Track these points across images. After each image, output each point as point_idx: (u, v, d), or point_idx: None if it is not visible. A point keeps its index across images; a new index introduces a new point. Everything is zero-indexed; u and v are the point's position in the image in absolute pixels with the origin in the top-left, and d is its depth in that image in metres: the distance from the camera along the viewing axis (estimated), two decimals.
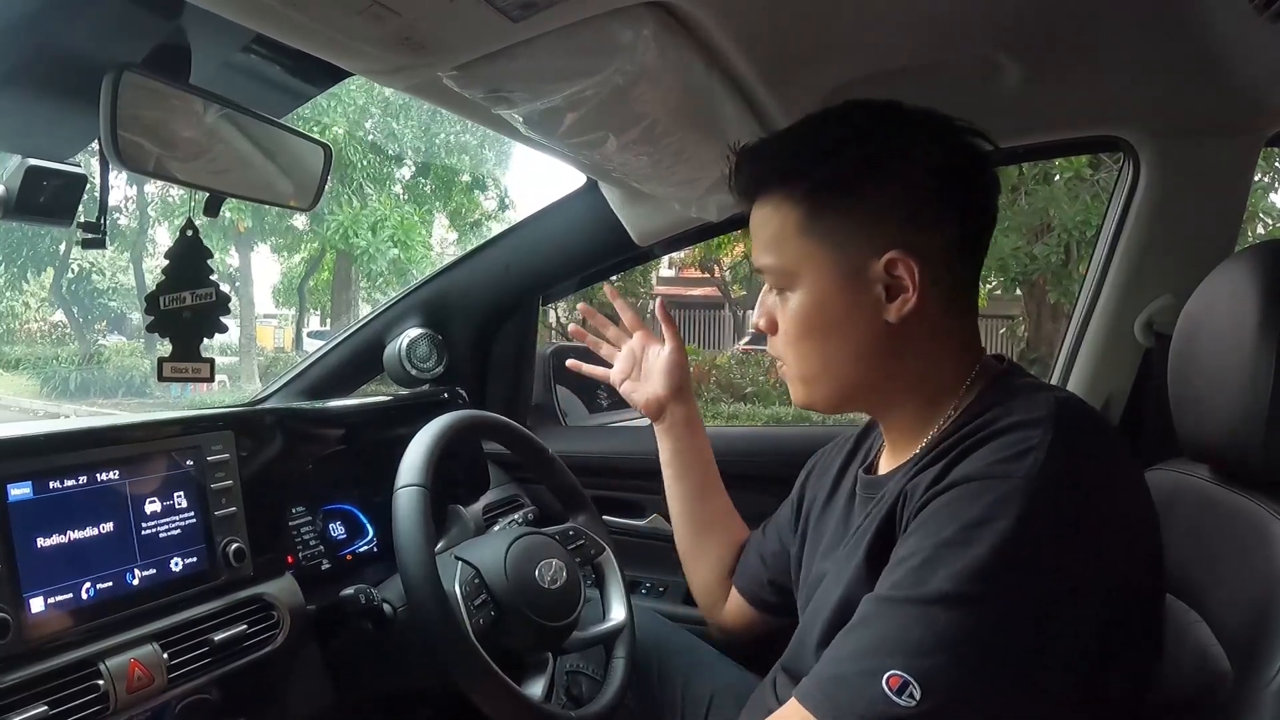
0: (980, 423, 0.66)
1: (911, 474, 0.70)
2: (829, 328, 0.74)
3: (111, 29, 0.77)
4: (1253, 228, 5.64)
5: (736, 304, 12.61)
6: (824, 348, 0.75)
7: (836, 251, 0.73)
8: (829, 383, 0.77)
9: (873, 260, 0.71)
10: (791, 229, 0.74)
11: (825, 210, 0.73)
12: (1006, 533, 0.58)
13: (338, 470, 1.15)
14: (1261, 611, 0.64)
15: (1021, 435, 0.62)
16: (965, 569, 0.58)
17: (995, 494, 0.60)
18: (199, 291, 0.93)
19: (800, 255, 0.74)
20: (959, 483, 0.63)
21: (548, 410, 1.68)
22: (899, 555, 0.64)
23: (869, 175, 0.72)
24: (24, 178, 0.83)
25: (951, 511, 0.61)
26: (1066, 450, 0.61)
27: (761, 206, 0.77)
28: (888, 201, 0.71)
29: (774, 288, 0.78)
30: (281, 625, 0.92)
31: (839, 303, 0.73)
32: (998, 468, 0.61)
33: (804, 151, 0.75)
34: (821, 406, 0.79)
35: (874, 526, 0.71)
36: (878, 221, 0.72)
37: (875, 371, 0.75)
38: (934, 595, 0.58)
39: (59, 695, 0.72)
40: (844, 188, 0.72)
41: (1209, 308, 0.76)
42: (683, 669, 1.10)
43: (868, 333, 0.73)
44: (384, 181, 9.47)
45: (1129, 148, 1.22)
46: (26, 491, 0.76)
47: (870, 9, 0.85)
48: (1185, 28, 0.91)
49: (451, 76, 0.82)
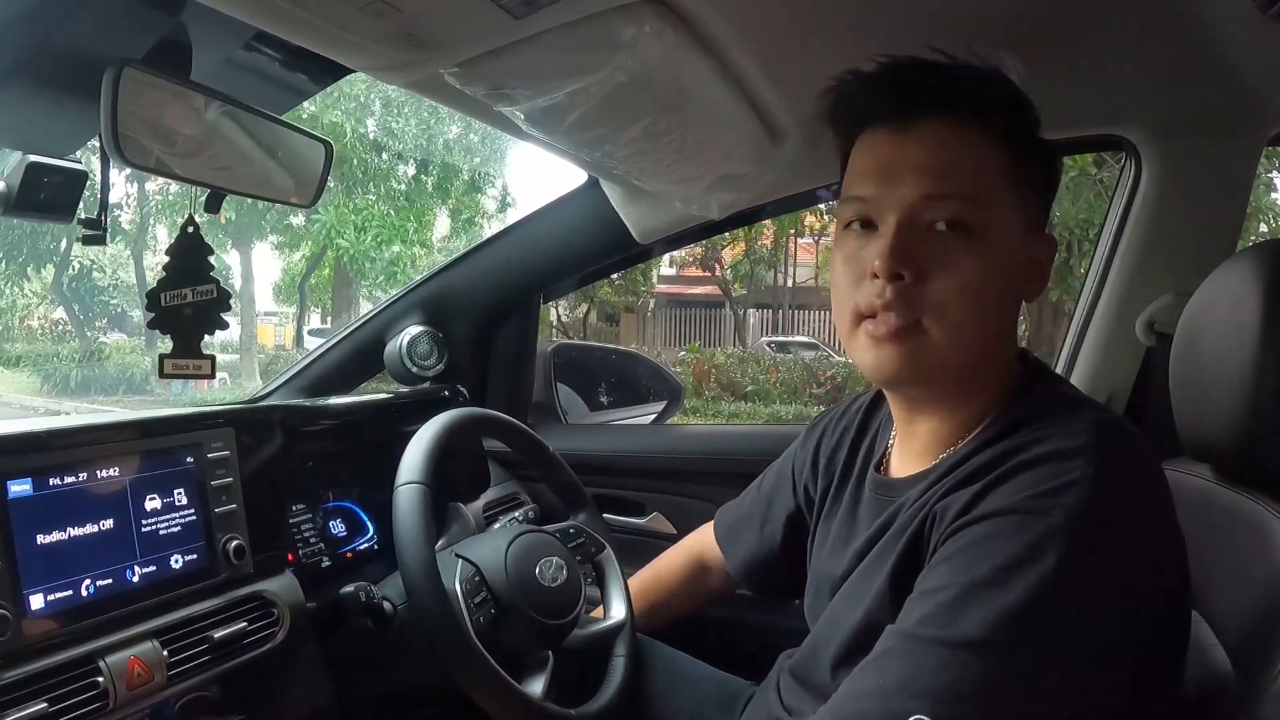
0: (1015, 444, 0.63)
1: (939, 493, 0.66)
2: (1005, 288, 0.69)
3: (112, 25, 0.77)
4: (1255, 226, 5.63)
5: (738, 302, 12.62)
6: (1000, 303, 0.69)
7: (1027, 212, 0.69)
8: (982, 343, 0.69)
9: (1038, 234, 0.70)
10: (995, 169, 0.67)
11: (1024, 164, 0.68)
12: (1044, 576, 0.55)
13: (338, 467, 1.15)
14: (1263, 611, 0.64)
15: (1062, 466, 0.59)
16: (999, 613, 0.55)
17: (1033, 533, 0.57)
18: (200, 288, 0.93)
19: (999, 199, 0.67)
20: (994, 515, 0.59)
21: (548, 408, 1.68)
22: (927, 586, 0.61)
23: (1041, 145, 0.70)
24: (24, 174, 0.82)
25: (986, 548, 0.58)
26: (1109, 485, 0.58)
27: (940, 129, 0.67)
28: (1047, 179, 0.71)
29: (949, 221, 0.66)
30: (281, 623, 0.92)
31: (1020, 263, 0.69)
32: (1037, 502, 0.58)
33: (1002, 90, 0.69)
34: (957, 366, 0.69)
35: (897, 547, 0.68)
36: (1048, 196, 0.71)
37: (999, 351, 0.71)
38: (964, 639, 0.56)
39: (58, 692, 0.72)
40: (1038, 153, 0.70)
41: (1211, 307, 0.76)
42: (658, 685, 1.08)
43: (1015, 306, 0.72)
44: (383, 180, 9.46)
45: (1131, 146, 1.21)
46: (27, 488, 0.76)
47: (872, 7, 0.85)
48: (1188, 27, 0.91)
49: (453, 73, 0.82)
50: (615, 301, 12.27)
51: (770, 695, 0.86)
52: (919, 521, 0.66)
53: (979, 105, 0.67)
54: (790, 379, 8.52)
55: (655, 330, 13.80)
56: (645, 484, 1.48)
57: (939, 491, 0.66)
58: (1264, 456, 0.70)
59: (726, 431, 1.97)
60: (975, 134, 0.67)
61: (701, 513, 1.43)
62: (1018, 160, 0.67)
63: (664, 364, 2.41)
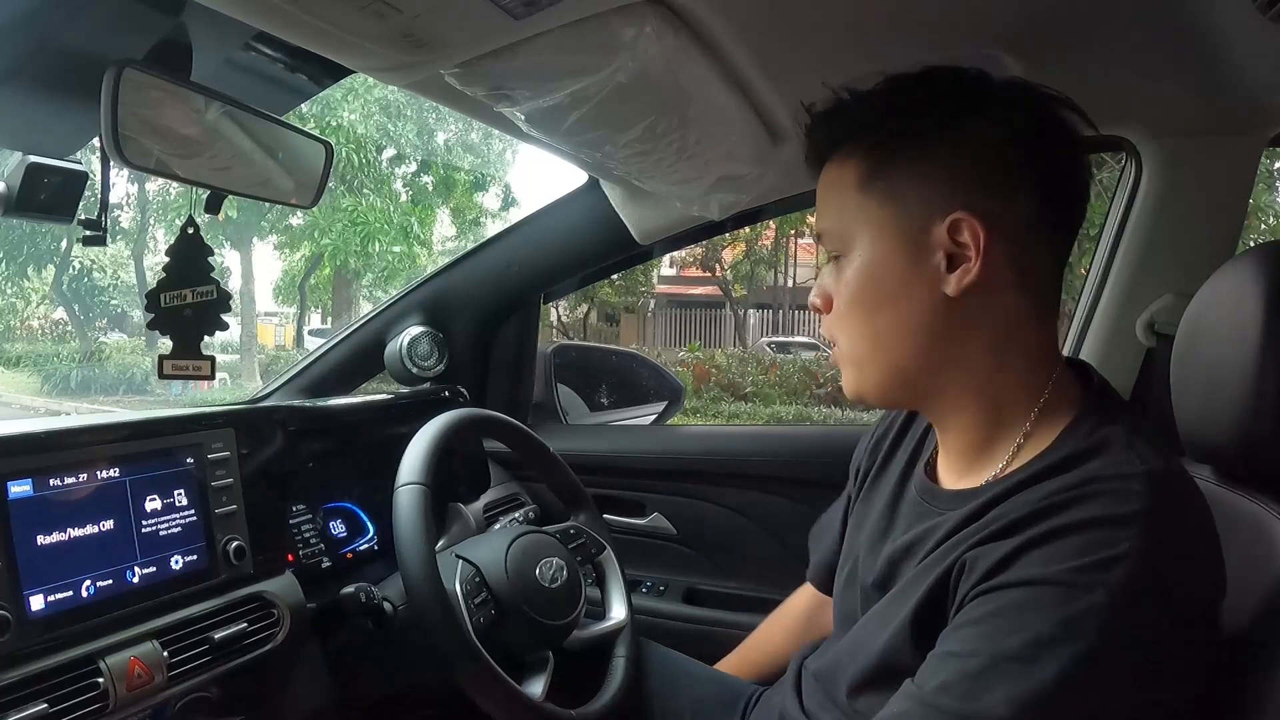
0: (1062, 497, 0.58)
1: (976, 536, 0.62)
2: (883, 297, 0.67)
3: (112, 25, 0.77)
4: (1256, 224, 5.62)
5: (738, 303, 12.62)
6: (875, 320, 0.68)
7: (897, 208, 0.66)
8: (879, 364, 0.69)
9: (936, 221, 0.64)
10: (850, 185, 0.68)
11: (889, 164, 0.67)
12: (1079, 658, 0.52)
13: (338, 468, 1.15)
14: (1264, 612, 0.64)
15: (1110, 535, 0.54)
16: (1027, 694, 0.53)
17: (1072, 609, 0.53)
18: (200, 289, 0.93)
19: (857, 213, 0.67)
20: (1030, 584, 0.55)
21: (549, 408, 1.68)
22: (951, 648, 0.58)
23: (943, 130, 0.65)
24: (25, 175, 0.82)
25: (1018, 620, 0.55)
26: (1159, 559, 0.54)
27: (829, 167, 0.71)
28: (961, 160, 0.65)
29: (830, 254, 0.71)
30: (281, 623, 0.92)
31: (895, 268, 0.66)
32: (1079, 575, 0.54)
33: (878, 107, 0.68)
34: (873, 396, 0.71)
35: (924, 586, 0.64)
36: (946, 179, 0.65)
37: (929, 354, 0.67)
38: (986, 717, 0.54)
39: (59, 693, 0.72)
40: (913, 140, 0.66)
41: (1212, 308, 0.76)
42: (659, 685, 1.07)
43: (925, 305, 0.65)
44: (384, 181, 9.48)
45: (1131, 147, 1.22)
46: (27, 489, 0.76)
47: (872, 8, 0.84)
48: (1188, 27, 0.91)
49: (453, 74, 0.82)
50: (615, 302, 12.28)
51: (788, 696, 0.85)
52: (948, 565, 0.63)
53: (853, 129, 0.69)
54: (790, 379, 8.53)
55: (655, 331, 13.81)
56: (645, 484, 1.48)
57: (975, 534, 0.62)
58: (1265, 458, 0.69)
59: (726, 432, 1.97)
60: (846, 159, 0.69)
61: (701, 513, 1.44)
62: (881, 163, 0.67)
63: (664, 364, 2.41)
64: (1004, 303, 0.66)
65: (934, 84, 0.68)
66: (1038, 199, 0.65)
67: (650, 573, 1.48)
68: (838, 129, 0.70)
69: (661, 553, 1.48)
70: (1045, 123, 0.66)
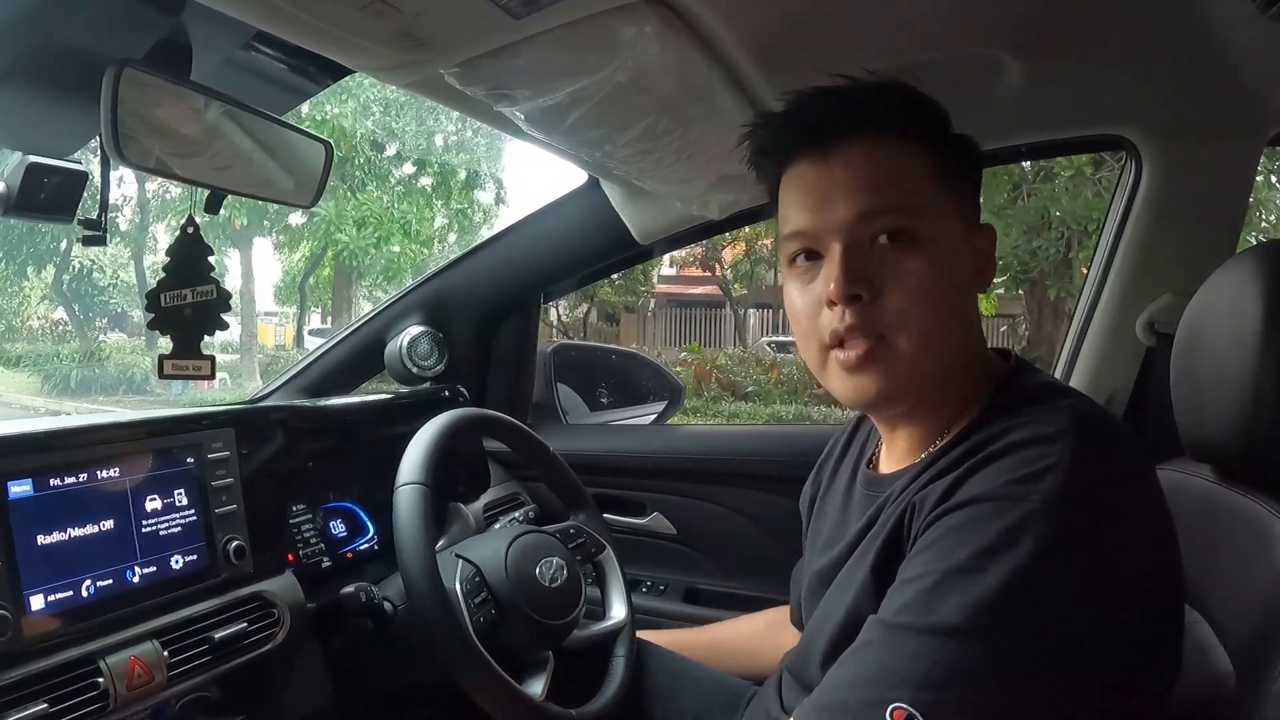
0: (993, 432, 0.63)
1: (920, 484, 0.66)
2: (958, 287, 0.69)
3: (112, 25, 0.77)
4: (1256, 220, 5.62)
5: (738, 302, 12.61)
6: (956, 304, 0.69)
7: (962, 208, 0.71)
8: (939, 355, 0.68)
9: (974, 226, 0.72)
10: (921, 173, 0.68)
11: (947, 163, 0.70)
12: (1021, 563, 0.55)
13: (338, 468, 1.14)
14: (1264, 612, 0.64)
15: (1038, 452, 0.59)
16: (977, 600, 0.55)
17: (1010, 518, 0.57)
18: (200, 289, 0.93)
19: (935, 199, 0.68)
20: (971, 502, 0.59)
21: (549, 408, 1.68)
22: (906, 575, 0.61)
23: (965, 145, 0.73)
24: (24, 175, 0.83)
25: (963, 535, 0.58)
26: (1086, 469, 0.58)
27: (860, 148, 0.68)
28: (977, 170, 0.74)
29: (889, 233, 0.67)
30: (281, 623, 0.92)
31: (966, 260, 0.70)
32: (1013, 488, 0.58)
33: (914, 102, 0.71)
34: (911, 392, 0.70)
35: (880, 538, 0.68)
36: (975, 188, 0.74)
37: (968, 346, 0.72)
38: (943, 626, 0.56)
39: (59, 693, 0.72)
40: (957, 149, 0.72)
41: (1212, 307, 0.76)
42: (659, 685, 1.07)
43: (974, 302, 0.73)
44: (384, 178, 9.49)
45: (1131, 146, 1.22)
46: (27, 489, 0.76)
47: (873, 7, 0.85)
48: (1188, 27, 0.91)
49: (453, 74, 0.82)
50: (615, 301, 12.27)
51: (770, 695, 0.86)
52: (900, 512, 0.67)
53: (890, 118, 0.69)
54: (790, 379, 8.53)
55: (655, 330, 13.80)
56: (645, 484, 1.48)
57: (921, 482, 0.66)
58: (1265, 457, 0.70)
59: (726, 431, 1.97)
60: (893, 145, 0.68)
61: (701, 513, 1.44)
62: (941, 160, 0.69)
63: (664, 364, 2.41)
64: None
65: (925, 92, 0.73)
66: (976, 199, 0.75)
67: (650, 572, 1.48)
68: (870, 112, 0.69)
69: (661, 552, 1.48)
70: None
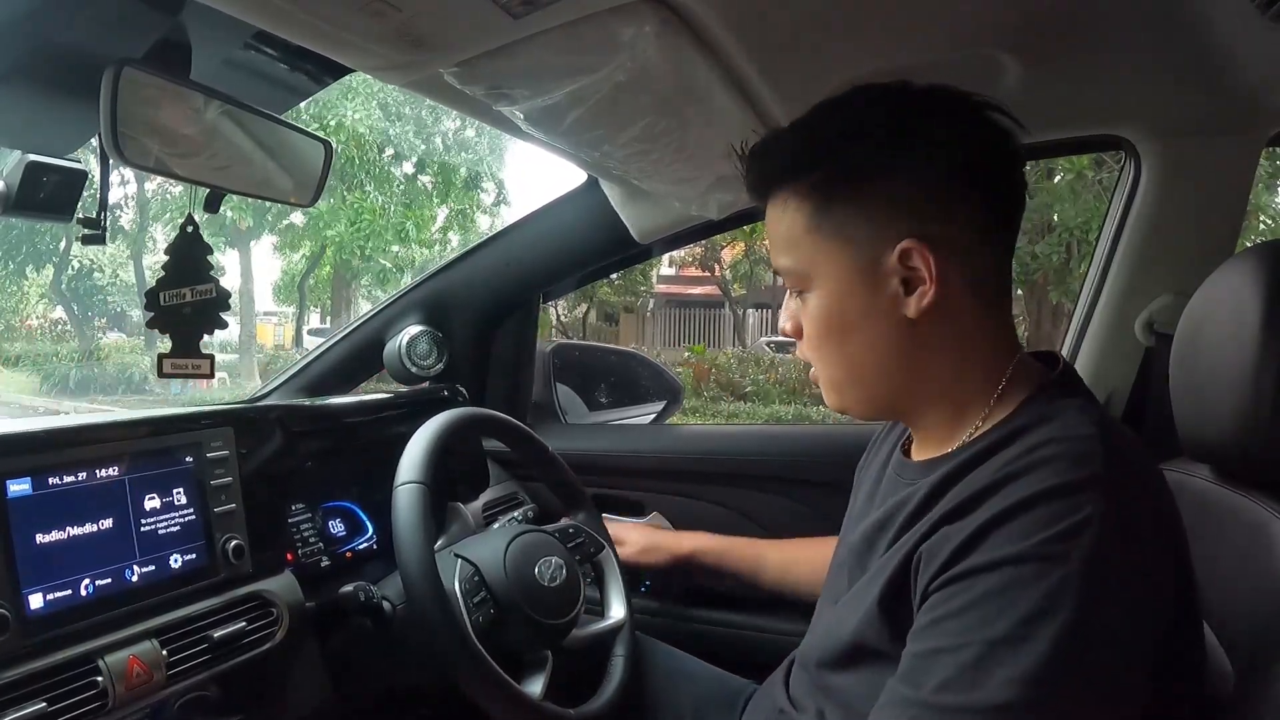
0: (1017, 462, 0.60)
1: (936, 514, 0.63)
2: (849, 329, 0.70)
3: (112, 24, 0.77)
4: (1255, 224, 5.63)
5: (737, 302, 12.62)
6: (847, 350, 0.71)
7: (848, 246, 0.68)
8: (858, 387, 0.73)
9: (886, 252, 0.67)
10: (800, 227, 0.70)
11: (834, 203, 0.68)
12: (1066, 627, 0.53)
13: (337, 467, 1.14)
14: (1263, 612, 0.64)
15: (1070, 504, 0.56)
16: (1028, 671, 0.53)
17: (1051, 581, 0.54)
18: (199, 288, 0.93)
19: (812, 253, 0.70)
20: (1004, 563, 0.56)
21: (548, 408, 1.68)
22: (940, 643, 0.58)
23: (876, 162, 0.67)
24: (24, 173, 0.82)
25: (1003, 602, 0.55)
26: (1122, 515, 0.56)
27: (773, 205, 0.73)
28: (898, 188, 0.67)
29: (792, 290, 0.74)
30: (280, 622, 0.92)
31: (856, 301, 0.69)
32: (1051, 548, 0.55)
33: (810, 144, 0.71)
34: (856, 412, 0.75)
35: (891, 570, 0.66)
36: (889, 211, 0.67)
37: (904, 372, 0.70)
38: (995, 704, 0.54)
39: (58, 692, 0.72)
40: (851, 178, 0.68)
41: (1211, 307, 0.76)
42: (658, 685, 1.07)
43: (890, 331, 0.69)
44: (385, 178, 9.48)
45: (1130, 147, 1.22)
46: (26, 488, 0.76)
47: (872, 8, 0.84)
48: (1187, 27, 0.91)
49: (453, 73, 0.82)
50: (615, 301, 12.28)
51: (776, 689, 0.86)
52: (909, 549, 0.65)
53: (791, 169, 0.71)
54: (789, 379, 8.54)
55: (655, 330, 13.80)
56: (645, 484, 1.48)
57: (938, 512, 0.63)
58: (1264, 457, 0.70)
59: (725, 431, 1.97)
60: (790, 198, 0.71)
61: (701, 513, 1.44)
62: (826, 203, 0.69)
63: (663, 364, 2.41)
64: (961, 311, 0.68)
65: (857, 110, 0.70)
66: (981, 211, 0.68)
67: (650, 572, 1.48)
68: (773, 168, 0.73)
69: None
70: (972, 128, 0.68)
